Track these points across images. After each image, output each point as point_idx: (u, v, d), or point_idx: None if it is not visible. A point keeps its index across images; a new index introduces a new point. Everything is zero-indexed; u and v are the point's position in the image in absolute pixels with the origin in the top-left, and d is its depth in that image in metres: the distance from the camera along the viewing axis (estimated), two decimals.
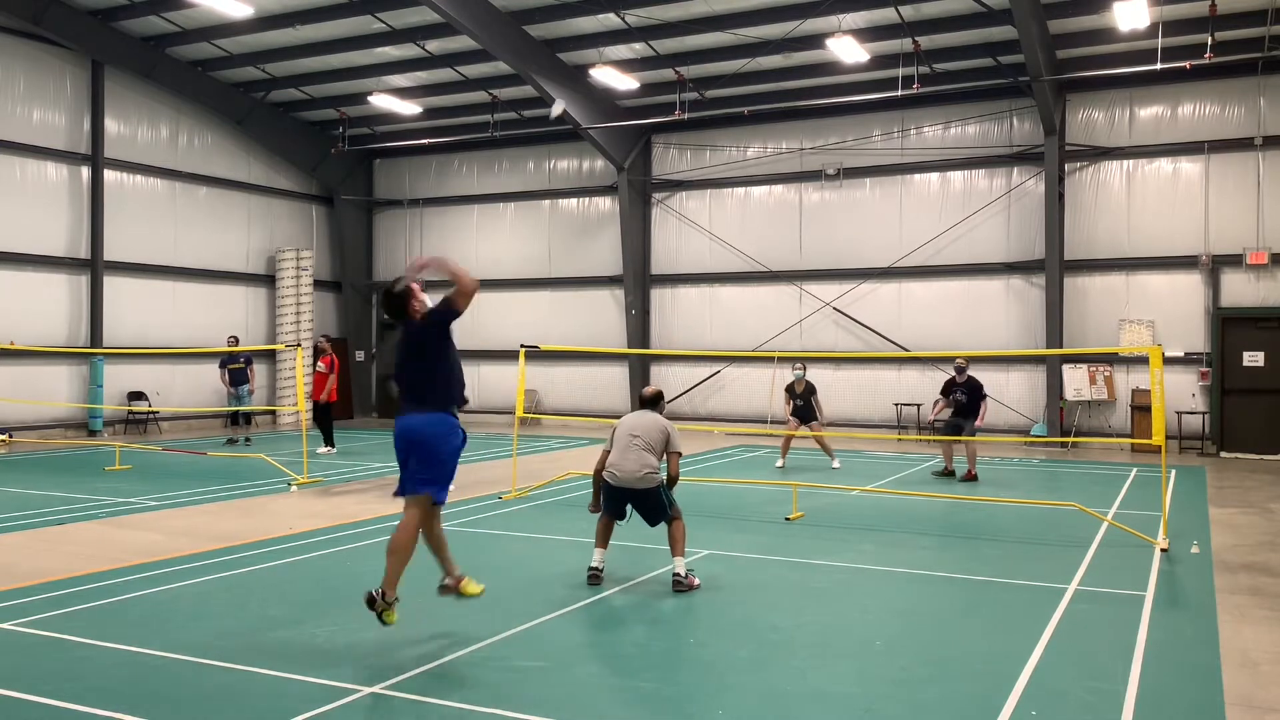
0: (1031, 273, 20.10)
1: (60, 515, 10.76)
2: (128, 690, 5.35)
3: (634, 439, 7.81)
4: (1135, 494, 13.01)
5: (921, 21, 18.04)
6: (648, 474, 7.72)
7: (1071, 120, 19.90)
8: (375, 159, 27.10)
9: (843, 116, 21.60)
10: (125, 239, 21.46)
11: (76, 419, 20.75)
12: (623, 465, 7.74)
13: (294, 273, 24.42)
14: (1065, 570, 8.37)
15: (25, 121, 19.79)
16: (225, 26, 20.06)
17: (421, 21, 19.35)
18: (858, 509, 11.64)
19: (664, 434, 7.88)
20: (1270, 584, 8.02)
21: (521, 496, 12.32)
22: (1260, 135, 18.40)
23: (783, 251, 22.35)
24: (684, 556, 7.74)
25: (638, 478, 7.69)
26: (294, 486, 13.08)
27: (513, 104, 23.10)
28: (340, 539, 9.59)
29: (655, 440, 7.83)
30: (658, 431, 7.87)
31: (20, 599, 7.15)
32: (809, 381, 15.84)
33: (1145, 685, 5.51)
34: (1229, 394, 18.63)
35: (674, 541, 7.75)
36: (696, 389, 23.07)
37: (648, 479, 7.72)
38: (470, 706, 5.09)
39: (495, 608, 6.93)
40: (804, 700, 5.28)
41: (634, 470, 7.69)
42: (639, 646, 6.27)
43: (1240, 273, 18.61)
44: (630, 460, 7.73)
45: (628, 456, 7.76)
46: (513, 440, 14.96)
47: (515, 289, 25.25)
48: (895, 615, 7.02)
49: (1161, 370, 9.74)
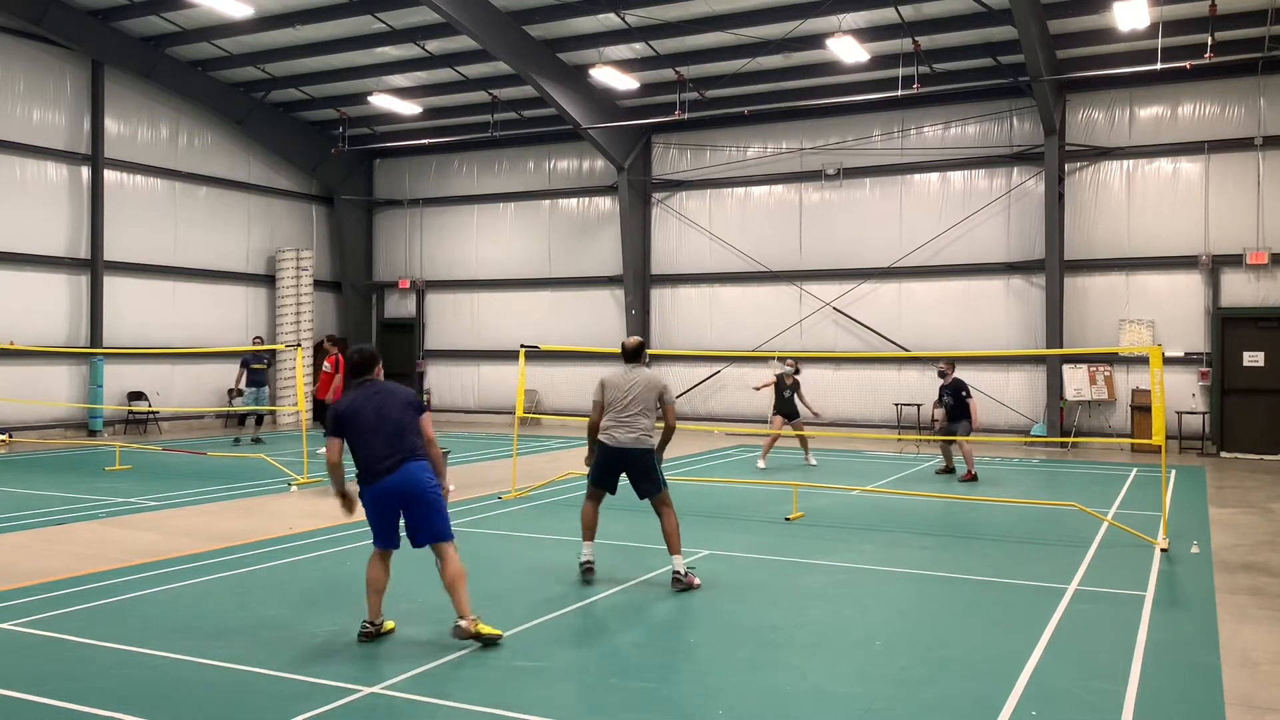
0: (1031, 273, 20.10)
1: (60, 515, 10.76)
2: (128, 690, 5.35)
3: (632, 400, 7.84)
4: (1135, 494, 13.01)
5: (921, 21, 18.04)
6: (643, 435, 7.80)
7: (1071, 120, 19.90)
8: (375, 159, 27.10)
9: (843, 116, 21.60)
10: (125, 239, 21.46)
11: (76, 419, 20.75)
12: (621, 429, 7.78)
13: (294, 273, 24.41)
14: (1065, 570, 8.37)
15: (25, 121, 19.79)
16: (225, 26, 20.06)
17: (421, 21, 19.34)
18: (858, 509, 11.64)
19: (658, 392, 7.93)
20: (1270, 584, 8.02)
21: (521, 496, 12.32)
22: (1260, 135, 18.40)
23: (783, 251, 22.35)
24: (682, 554, 7.74)
25: (634, 439, 7.76)
26: (294, 486, 13.08)
27: (513, 104, 23.10)
28: (340, 539, 9.59)
29: (651, 401, 7.89)
30: (653, 391, 7.91)
31: (20, 599, 7.15)
32: (798, 379, 16.09)
33: (1145, 685, 5.51)
34: (1229, 394, 18.62)
35: (669, 538, 7.76)
36: (696, 389, 23.07)
37: (643, 440, 7.80)
38: (470, 706, 5.09)
39: (495, 608, 6.93)
40: (804, 700, 5.28)
41: (633, 434, 7.76)
42: (639, 646, 6.27)
43: (1240, 273, 18.61)
44: (629, 424, 7.78)
45: (625, 420, 7.80)
46: (513, 440, 14.95)
47: (515, 289, 25.25)
48: (895, 615, 7.02)
49: (1161, 370, 9.74)
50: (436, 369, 26.37)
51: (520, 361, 13.13)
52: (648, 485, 7.84)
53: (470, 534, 9.95)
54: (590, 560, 7.93)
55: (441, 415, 26.06)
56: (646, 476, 7.84)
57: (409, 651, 6.01)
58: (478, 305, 25.82)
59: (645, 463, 7.83)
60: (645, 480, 7.85)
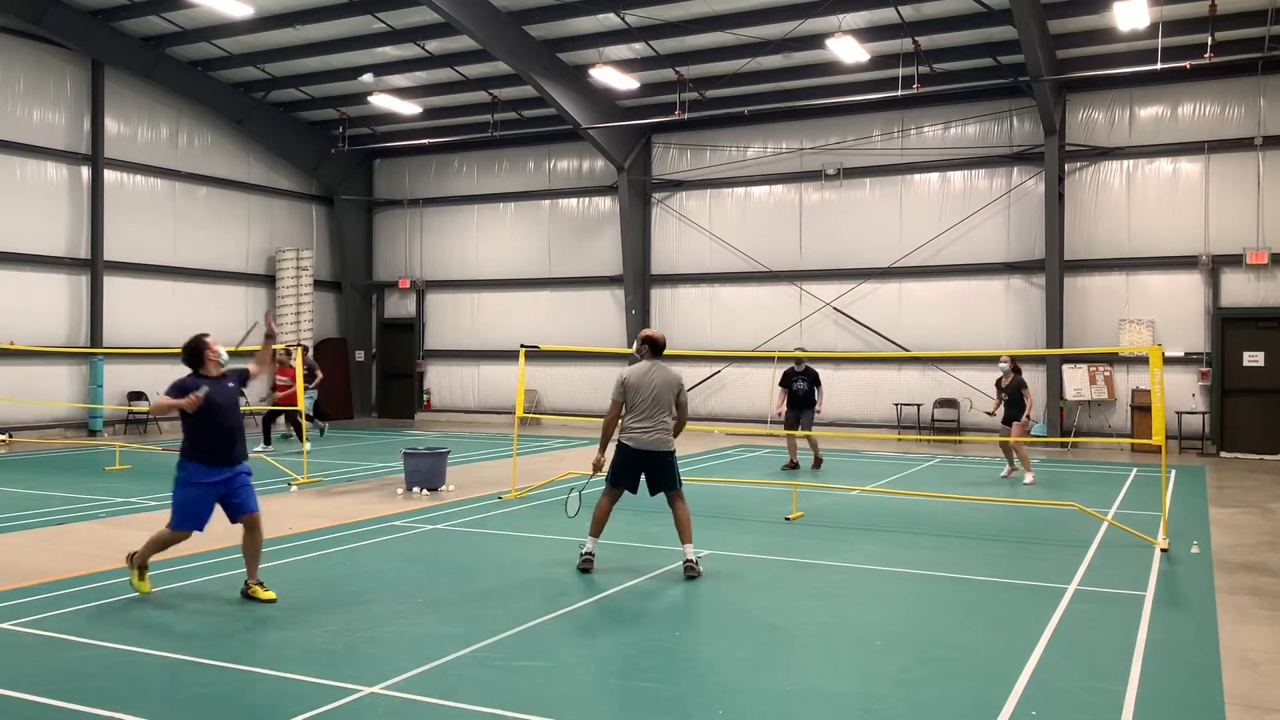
0: (1031, 273, 20.10)
1: (60, 515, 10.76)
2: (128, 690, 5.35)
3: (654, 400, 7.81)
4: (1135, 494, 13.01)
5: (921, 21, 18.04)
6: (665, 436, 7.82)
7: (1071, 120, 19.90)
8: (375, 159, 27.10)
9: (843, 116, 21.60)
10: (125, 239, 21.47)
11: (76, 419, 20.75)
12: (644, 430, 7.77)
13: (294, 273, 24.42)
14: (1065, 570, 8.37)
15: (25, 121, 19.79)
16: (225, 26, 20.06)
17: (421, 21, 19.35)
18: (858, 509, 11.64)
19: (676, 390, 7.91)
20: (1270, 584, 8.02)
21: (521, 496, 12.32)
22: (1260, 135, 18.40)
23: (783, 251, 22.35)
24: (693, 543, 7.93)
25: (656, 440, 7.77)
26: (294, 486, 13.08)
27: (513, 104, 23.10)
28: (340, 539, 9.59)
29: (670, 400, 7.89)
30: (672, 390, 7.90)
31: (20, 599, 7.15)
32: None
33: (1145, 685, 5.51)
34: (1229, 394, 18.62)
35: (682, 528, 7.91)
36: (696, 389, 23.06)
37: (665, 441, 7.81)
38: (470, 706, 5.09)
39: (495, 608, 6.94)
40: (804, 700, 5.28)
41: (656, 436, 7.76)
42: (639, 646, 6.27)
43: (1240, 273, 18.61)
44: (652, 425, 7.78)
45: (648, 421, 7.78)
46: (513, 440, 14.95)
47: (515, 289, 25.26)
48: (895, 615, 7.02)
49: (1161, 370, 9.74)
50: (436, 369, 26.38)
51: (520, 361, 13.13)
52: (665, 482, 7.90)
53: (470, 534, 9.95)
54: (591, 554, 8.01)
55: (442, 415, 26.07)
56: (666, 477, 7.89)
57: (409, 651, 6.00)
58: (478, 305, 25.82)
59: (667, 464, 7.87)
60: (665, 480, 7.90)
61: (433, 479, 12.69)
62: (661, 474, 7.89)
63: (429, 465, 12.71)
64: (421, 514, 11.05)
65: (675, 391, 7.91)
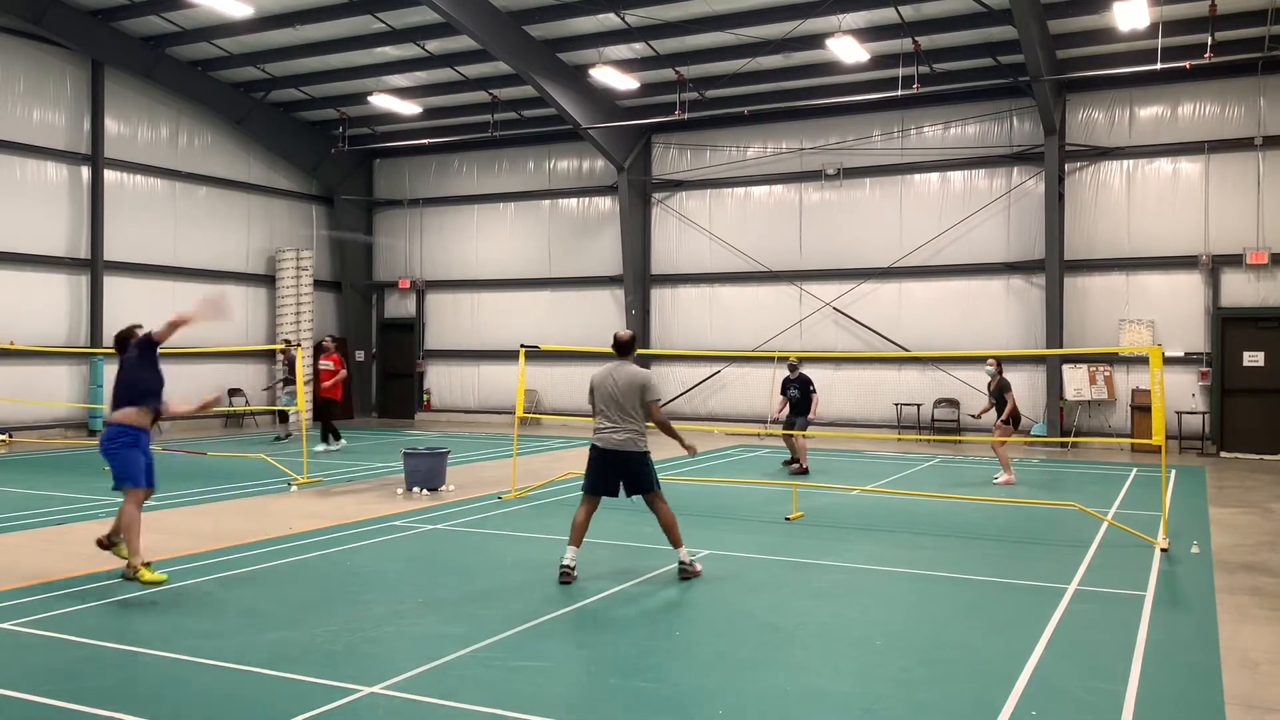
0: (1031, 273, 20.10)
1: (60, 515, 10.76)
2: (128, 690, 5.35)
3: (614, 401, 7.76)
4: (1135, 494, 13.01)
5: (921, 21, 18.04)
6: (634, 437, 7.74)
7: (1071, 120, 19.90)
8: (375, 159, 27.10)
9: (843, 116, 21.60)
10: (125, 239, 21.46)
11: (76, 419, 20.75)
12: (611, 430, 7.76)
13: (294, 273, 24.42)
14: (1065, 570, 8.37)
15: (25, 121, 19.79)
16: (225, 26, 20.06)
17: (421, 21, 19.35)
18: (858, 509, 11.64)
19: (640, 390, 7.76)
20: (1270, 584, 8.02)
21: (521, 496, 12.32)
22: (1260, 135, 18.40)
23: (783, 251, 22.35)
24: (684, 545, 7.90)
25: (623, 440, 7.72)
26: (294, 486, 13.08)
27: (513, 104, 23.10)
28: (340, 539, 9.59)
29: (634, 401, 7.75)
30: (635, 391, 7.75)
31: (20, 599, 7.15)
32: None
33: (1145, 685, 5.51)
34: (1229, 394, 18.62)
35: (669, 532, 7.89)
36: (696, 389, 23.07)
37: (633, 442, 7.73)
38: (470, 706, 5.09)
39: (495, 608, 6.94)
40: (804, 700, 5.28)
41: (622, 436, 7.72)
42: (639, 646, 6.27)
43: (1240, 273, 18.61)
44: (616, 425, 7.75)
45: (612, 422, 7.76)
46: (513, 440, 14.95)
47: (515, 289, 25.26)
48: (895, 615, 7.02)
49: (1161, 370, 9.74)
50: (436, 369, 26.37)
51: (520, 361, 13.13)
52: (639, 484, 7.85)
53: (470, 534, 9.96)
54: (571, 565, 7.69)
55: (442, 415, 26.07)
56: (639, 480, 7.83)
57: (409, 651, 6.01)
58: (478, 305, 25.82)
59: (638, 465, 7.80)
60: (639, 483, 7.84)
61: (433, 479, 12.69)
62: (634, 476, 7.80)
63: (429, 465, 12.71)
64: (421, 514, 11.05)
65: (638, 392, 7.73)
